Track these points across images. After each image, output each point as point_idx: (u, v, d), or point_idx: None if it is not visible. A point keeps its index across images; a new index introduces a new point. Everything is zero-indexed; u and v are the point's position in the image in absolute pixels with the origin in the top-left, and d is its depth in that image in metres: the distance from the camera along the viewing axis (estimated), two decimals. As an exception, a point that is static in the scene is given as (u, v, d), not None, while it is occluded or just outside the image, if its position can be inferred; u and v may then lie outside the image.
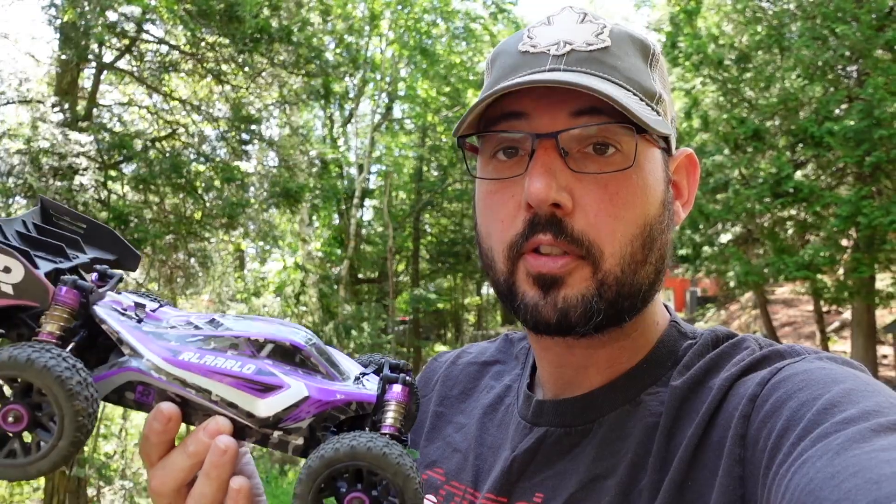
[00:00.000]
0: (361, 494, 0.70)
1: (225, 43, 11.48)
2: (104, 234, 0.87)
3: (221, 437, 0.72)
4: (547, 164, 0.81)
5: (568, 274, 0.82)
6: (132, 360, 0.74)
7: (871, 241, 13.42)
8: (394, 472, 0.69)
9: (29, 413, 0.69)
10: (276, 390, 0.73)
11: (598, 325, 0.84)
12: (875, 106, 12.58)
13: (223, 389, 0.73)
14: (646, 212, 0.84)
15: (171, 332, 0.77)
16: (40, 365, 0.66)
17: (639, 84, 0.84)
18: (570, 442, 0.90)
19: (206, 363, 0.74)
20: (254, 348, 0.75)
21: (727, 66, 15.42)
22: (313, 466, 0.69)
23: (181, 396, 0.74)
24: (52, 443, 0.68)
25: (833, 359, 0.80)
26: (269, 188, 13.15)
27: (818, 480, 0.59)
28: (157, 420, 0.73)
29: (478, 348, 1.19)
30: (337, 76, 18.03)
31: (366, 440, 0.69)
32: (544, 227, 0.82)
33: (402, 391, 0.76)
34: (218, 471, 0.73)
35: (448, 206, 27.58)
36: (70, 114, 10.26)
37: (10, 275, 0.70)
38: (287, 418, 0.73)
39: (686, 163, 0.95)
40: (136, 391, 0.75)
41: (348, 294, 23.15)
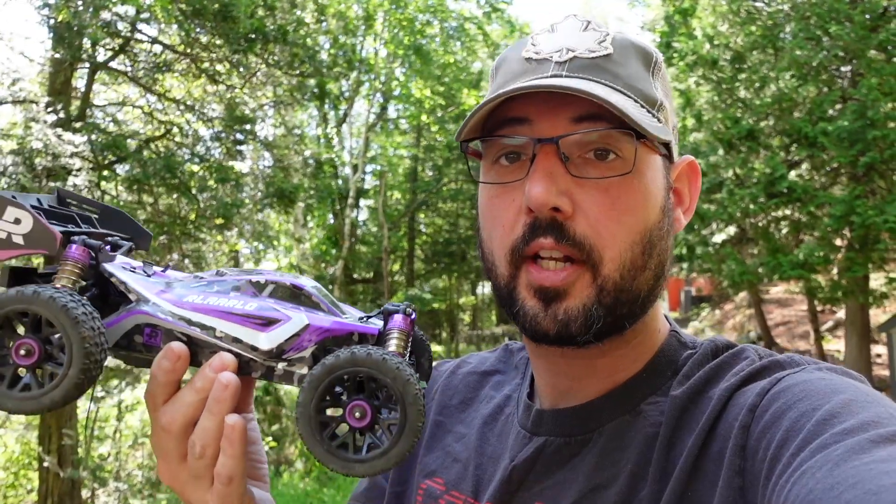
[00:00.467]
0: (362, 402, 0.71)
1: (219, 43, 11.45)
2: (116, 216, 0.91)
3: (224, 374, 0.75)
4: (547, 168, 0.82)
5: (571, 285, 0.83)
6: (140, 304, 0.78)
7: (865, 240, 13.47)
8: (393, 376, 0.70)
9: (40, 346, 0.72)
10: (277, 323, 0.76)
11: (598, 332, 0.84)
12: (869, 106, 12.63)
13: (227, 326, 0.76)
14: (646, 217, 0.85)
15: (177, 283, 0.81)
16: (46, 296, 0.70)
17: (640, 91, 0.85)
18: (569, 451, 0.90)
19: (210, 303, 0.77)
20: (255, 289, 0.79)
21: (722, 67, 15.46)
22: (315, 374, 0.71)
23: (187, 335, 0.77)
24: (63, 371, 0.71)
25: (832, 369, 0.80)
26: (264, 188, 13.12)
27: (818, 491, 0.59)
28: (167, 358, 0.76)
29: (477, 358, 1.19)
30: (331, 76, 18.01)
31: (366, 349, 0.71)
32: (545, 230, 0.82)
33: (402, 319, 0.77)
34: (220, 405, 0.75)
35: (443, 206, 27.59)
36: (63, 114, 10.22)
37: (20, 226, 0.74)
38: (290, 348, 0.76)
39: (688, 170, 0.95)
40: (145, 333, 0.78)
41: (343, 294, 23.12)
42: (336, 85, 22.60)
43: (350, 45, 22.35)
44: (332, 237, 25.34)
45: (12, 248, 0.74)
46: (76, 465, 11.27)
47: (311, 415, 0.71)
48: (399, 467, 1.08)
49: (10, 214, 0.74)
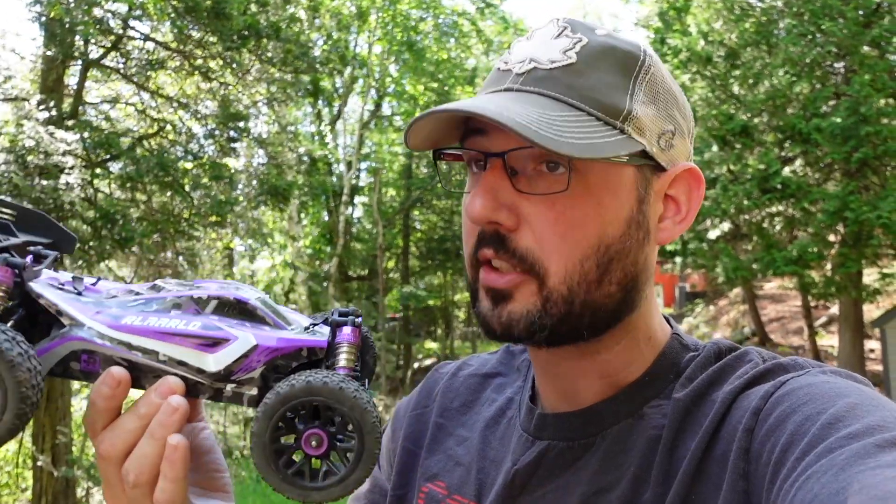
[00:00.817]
0: (318, 430, 0.70)
1: (212, 40, 11.41)
2: (36, 218, 0.84)
3: (174, 397, 0.72)
4: (490, 183, 0.82)
5: (515, 288, 0.83)
6: (74, 329, 0.73)
7: (859, 236, 13.52)
8: (350, 405, 0.68)
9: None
10: (224, 343, 0.72)
11: (550, 339, 0.84)
12: (861, 103, 12.67)
13: (170, 348, 0.72)
14: (600, 232, 0.82)
15: (111, 301, 0.76)
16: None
17: (597, 101, 0.81)
18: (572, 455, 0.89)
19: (150, 324, 0.73)
20: (197, 306, 0.75)
21: (716, 63, 15.49)
22: (269, 403, 0.69)
23: (128, 360, 0.73)
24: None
25: (837, 372, 0.79)
26: (258, 186, 13.10)
27: (823, 496, 0.59)
28: (107, 384, 0.72)
29: (479, 360, 1.18)
30: (325, 73, 17.98)
31: (321, 376, 0.68)
32: (488, 242, 0.83)
33: (351, 332, 0.76)
34: (164, 430, 0.72)
35: (437, 203, 27.59)
36: (56, 111, 10.18)
37: None
38: (238, 370, 0.73)
39: (687, 177, 0.91)
40: (82, 360, 0.74)
41: (338, 292, 23.12)
42: (330, 81, 22.58)
43: (343, 41, 22.32)
44: (326, 234, 25.34)
45: None
46: (70, 463, 11.24)
47: (266, 444, 0.70)
48: (401, 470, 1.08)
49: None
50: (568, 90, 0.81)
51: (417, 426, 1.11)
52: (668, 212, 0.90)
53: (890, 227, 12.47)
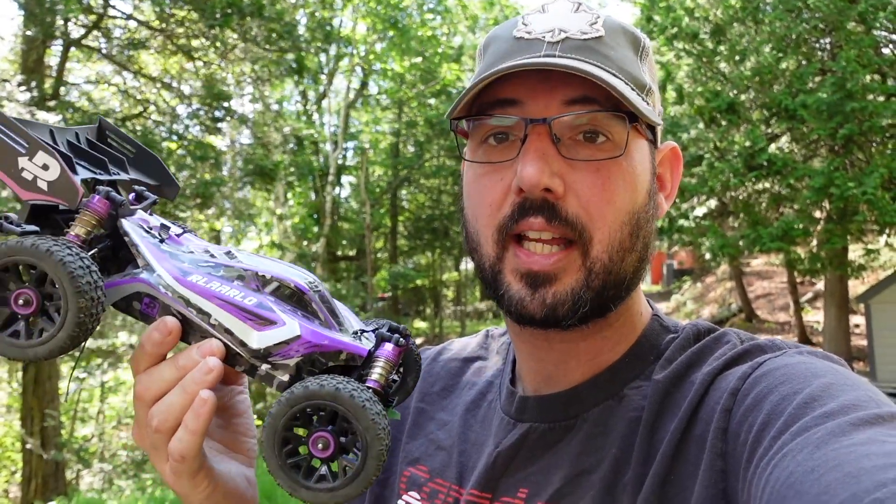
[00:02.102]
0: (328, 435, 0.72)
1: (195, 18, 11.27)
2: (150, 160, 0.92)
3: (211, 358, 0.74)
4: (540, 149, 0.82)
5: (561, 269, 0.83)
6: (144, 273, 0.78)
7: (844, 212, 13.60)
8: (366, 426, 0.70)
9: (39, 299, 0.73)
10: (271, 325, 0.76)
11: (584, 315, 0.84)
12: (847, 78, 12.68)
13: (222, 315, 0.76)
14: (634, 199, 0.85)
15: (186, 255, 0.80)
16: (57, 258, 0.71)
17: (630, 74, 0.85)
18: (553, 437, 0.90)
19: (212, 288, 0.77)
20: (259, 283, 0.78)
21: (702, 40, 15.44)
22: (295, 393, 0.71)
23: (182, 315, 0.77)
24: (53, 332, 0.72)
25: (813, 353, 0.80)
26: (244, 166, 13.02)
27: (798, 474, 0.60)
28: (159, 330, 0.76)
29: (458, 345, 1.18)
30: (310, 51, 17.81)
31: (352, 388, 0.71)
32: (536, 210, 0.82)
33: (392, 350, 0.78)
34: (195, 385, 0.74)
35: (425, 182, 27.54)
36: (37, 92, 10.05)
37: (48, 172, 0.75)
38: (277, 353, 0.76)
39: (670, 156, 0.95)
40: (143, 302, 0.79)
41: (326, 272, 23.09)
42: (314, 60, 22.37)
43: (328, 18, 22.08)
44: (313, 215, 25.25)
45: (35, 191, 0.75)
46: (60, 446, 11.24)
47: (278, 428, 0.72)
48: None
49: (39, 159, 0.74)
50: (606, 60, 0.83)
51: (398, 411, 1.11)
52: (659, 188, 0.93)
53: (875, 202, 12.55)
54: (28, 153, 0.74)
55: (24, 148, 0.74)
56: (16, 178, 0.75)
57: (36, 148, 0.74)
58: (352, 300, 21.23)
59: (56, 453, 10.93)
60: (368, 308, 22.89)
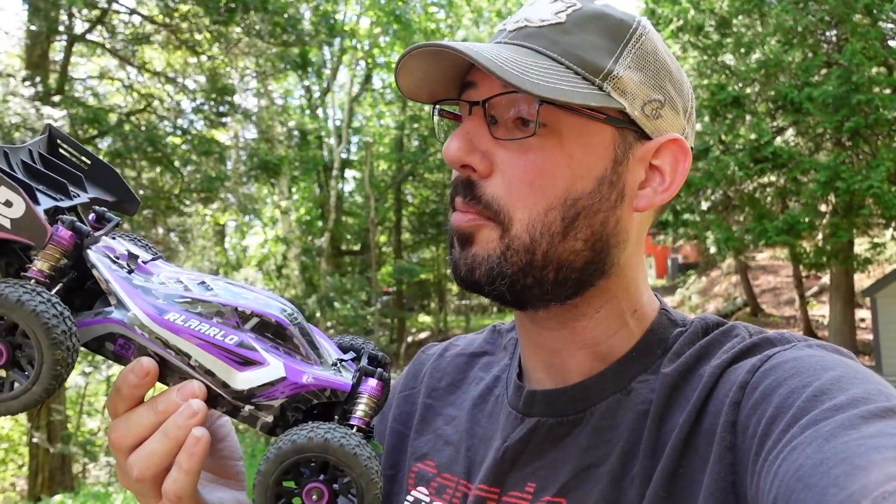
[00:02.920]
0: (322, 485, 0.71)
1: (199, 12, 11.26)
2: (107, 173, 0.86)
3: (196, 400, 0.72)
4: (468, 129, 0.84)
5: (476, 230, 0.85)
6: (117, 312, 0.74)
7: (850, 206, 13.56)
8: (360, 472, 0.70)
9: (8, 351, 0.69)
10: (255, 365, 0.73)
11: (514, 291, 0.84)
12: (853, 71, 12.63)
13: (203, 356, 0.73)
14: (569, 185, 0.83)
15: (160, 289, 0.76)
16: (29, 308, 0.66)
17: (580, 58, 0.83)
18: (561, 431, 0.90)
19: (191, 327, 0.74)
20: (239, 319, 0.75)
21: (707, 33, 15.38)
22: (283, 448, 0.70)
23: (160, 356, 0.74)
24: (27, 386, 0.68)
25: (823, 346, 0.80)
26: (248, 160, 13.03)
27: (807, 467, 0.60)
28: (135, 373, 0.73)
29: (465, 340, 1.18)
30: (313, 45, 17.80)
31: (340, 435, 0.70)
32: (459, 188, 0.85)
33: (376, 385, 0.77)
34: (179, 430, 0.72)
35: (430, 177, 27.52)
36: (42, 87, 10.06)
37: (11, 209, 0.70)
38: (261, 395, 0.74)
39: (674, 148, 0.90)
40: (117, 343, 0.75)
41: (330, 266, 23.13)
42: (318, 53, 22.36)
43: (332, 11, 22.05)
44: (318, 209, 25.27)
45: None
46: (66, 440, 11.30)
47: (270, 486, 0.71)
48: (391, 451, 1.08)
49: (1, 194, 0.69)
50: (551, 45, 0.83)
51: (406, 407, 1.12)
52: (652, 181, 0.90)
53: (881, 196, 12.51)
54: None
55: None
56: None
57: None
58: (356, 295, 21.26)
59: (62, 447, 10.99)
60: (373, 303, 22.92)
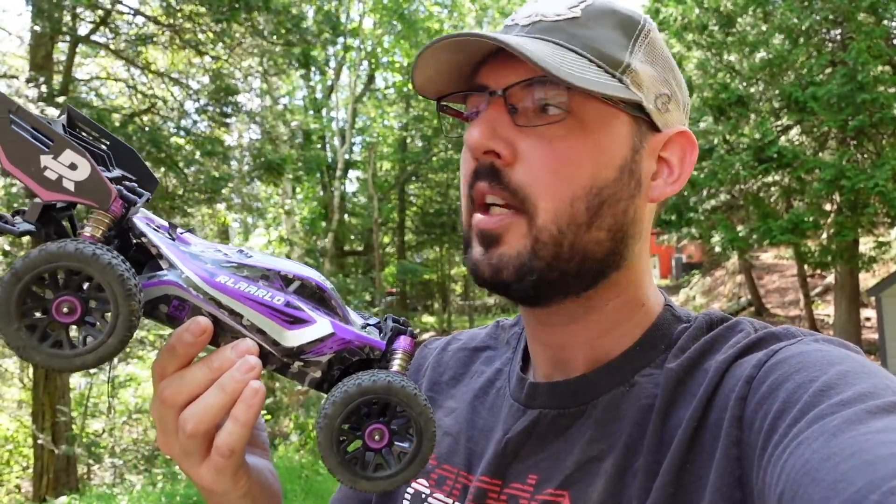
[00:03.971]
0: (383, 426, 0.74)
1: (202, 12, 11.29)
2: (126, 153, 0.87)
3: (251, 356, 0.74)
4: (490, 117, 0.84)
5: (505, 230, 0.84)
6: (171, 274, 0.76)
7: (854, 204, 13.53)
8: (419, 411, 0.73)
9: (83, 306, 0.70)
10: (303, 324, 0.76)
11: (538, 287, 0.84)
12: (858, 70, 12.60)
13: (255, 315, 0.76)
14: (593, 173, 0.83)
15: (205, 255, 0.79)
16: (105, 261, 0.68)
17: (599, 51, 0.84)
18: (564, 423, 0.90)
19: (241, 288, 0.76)
20: (283, 282, 0.78)
21: (711, 31, 15.37)
22: (350, 391, 0.73)
23: (214, 316, 0.76)
24: (103, 339, 0.69)
25: (829, 341, 0.80)
26: (252, 160, 13.05)
27: (814, 461, 0.59)
28: (191, 332, 0.74)
29: (468, 335, 1.19)
30: (317, 44, 17.82)
31: (400, 379, 0.73)
32: (483, 175, 0.84)
33: (409, 341, 0.80)
34: (236, 385, 0.73)
35: (433, 177, 27.57)
36: (46, 88, 10.09)
37: (76, 172, 0.70)
38: (310, 351, 0.77)
39: (682, 141, 0.92)
40: (171, 305, 0.76)
41: (334, 267, 23.16)
42: (322, 52, 22.38)
43: (335, 11, 22.08)
44: (322, 209, 25.31)
45: (60, 191, 0.70)
46: (70, 441, 11.32)
47: (335, 427, 0.73)
48: None
49: (66, 157, 0.70)
50: (571, 38, 0.83)
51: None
52: (661, 173, 0.91)
53: (886, 195, 12.48)
54: (52, 151, 0.69)
55: (48, 146, 0.69)
56: (37, 177, 0.70)
57: (62, 146, 0.69)
58: (360, 295, 21.27)
59: (67, 448, 11.01)
60: (377, 303, 22.94)
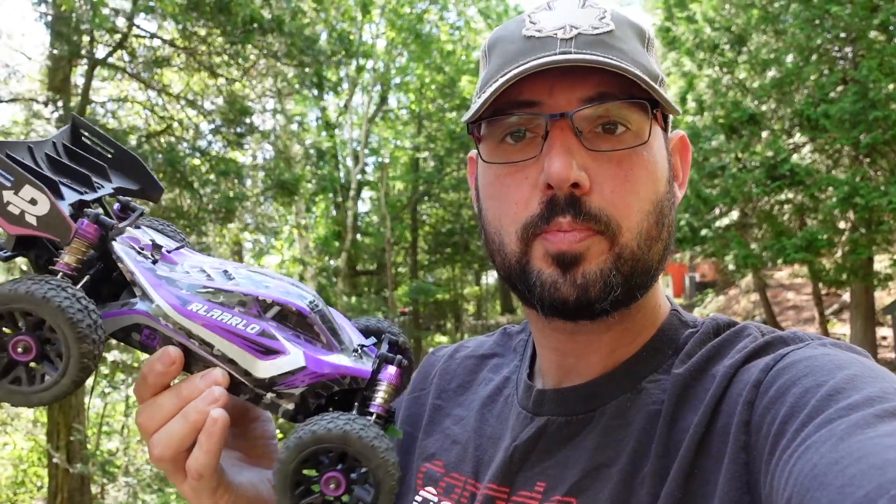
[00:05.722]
0: (339, 475, 0.73)
1: (217, 33, 11.41)
2: (130, 161, 0.87)
3: (217, 387, 0.74)
4: (565, 143, 0.81)
5: (586, 249, 0.82)
6: (142, 304, 0.76)
7: (869, 222, 13.41)
8: (377, 464, 0.71)
9: (38, 346, 0.71)
10: (276, 354, 0.75)
11: (615, 301, 0.84)
12: (870, 88, 12.55)
13: (226, 345, 0.75)
14: (657, 188, 0.86)
15: (183, 279, 0.78)
16: (55, 304, 0.68)
17: (642, 65, 0.85)
18: (571, 430, 0.90)
19: (213, 317, 0.75)
20: (260, 308, 0.77)
21: (723, 50, 15.37)
22: (303, 439, 0.71)
23: (184, 346, 0.76)
24: (56, 378, 0.71)
25: (837, 345, 0.80)
26: (265, 179, 13.12)
27: (822, 466, 0.59)
28: (161, 362, 0.75)
29: (475, 342, 1.19)
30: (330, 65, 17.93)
31: (359, 427, 0.71)
32: (564, 208, 0.82)
33: (395, 373, 0.79)
34: (198, 415, 0.74)
35: (445, 197, 27.56)
36: (64, 110, 10.21)
37: (36, 207, 0.71)
38: (282, 383, 0.76)
39: (680, 145, 0.96)
40: (143, 333, 0.77)
41: (347, 286, 23.15)
42: (335, 72, 22.51)
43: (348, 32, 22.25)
44: (335, 230, 25.35)
45: (23, 226, 0.72)
46: (85, 460, 11.31)
47: (289, 473, 0.73)
48: (399, 452, 1.08)
49: (26, 193, 0.71)
50: (621, 54, 0.83)
51: (415, 409, 1.12)
52: (675, 177, 0.94)
53: (900, 212, 12.36)
54: (13, 187, 0.71)
55: (10, 181, 0.71)
56: (2, 212, 0.71)
57: (22, 182, 0.71)
58: (373, 314, 21.20)
59: (82, 467, 11.00)
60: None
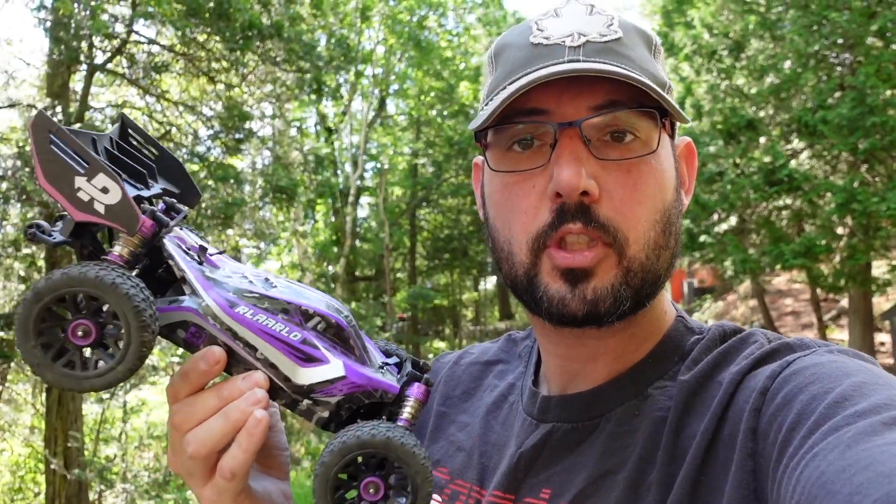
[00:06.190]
0: (379, 480, 0.74)
1: (216, 39, 11.43)
2: (173, 165, 0.88)
3: (259, 389, 0.75)
4: (574, 152, 0.81)
5: (598, 264, 0.82)
6: (191, 301, 0.77)
7: (867, 228, 13.44)
8: (416, 470, 0.73)
9: (98, 331, 0.71)
10: (316, 363, 0.77)
11: (623, 313, 0.84)
12: (867, 94, 12.59)
13: (269, 350, 0.76)
14: (664, 197, 0.85)
15: (228, 282, 0.79)
16: (123, 291, 0.69)
17: (650, 73, 0.85)
18: (577, 437, 0.89)
19: (259, 321, 0.76)
20: (302, 317, 0.78)
21: (721, 57, 15.41)
22: (348, 443, 0.73)
23: (228, 346, 0.77)
24: (112, 365, 0.70)
25: (844, 351, 0.80)
26: (264, 185, 13.12)
27: (829, 473, 0.59)
28: (206, 360, 0.75)
29: (480, 348, 1.19)
30: (329, 71, 17.94)
31: (399, 434, 0.73)
32: (573, 216, 0.82)
33: (423, 390, 0.81)
34: (240, 414, 0.74)
35: (444, 202, 27.59)
36: (62, 116, 10.21)
37: (107, 196, 0.72)
38: (321, 391, 0.77)
39: (686, 152, 0.96)
40: (189, 331, 0.77)
41: (346, 292, 23.14)
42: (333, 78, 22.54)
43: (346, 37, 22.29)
44: (333, 235, 25.36)
45: (91, 213, 0.72)
46: (83, 466, 11.29)
47: (331, 477, 0.74)
48: None
49: (99, 181, 0.71)
50: (628, 61, 0.83)
51: (420, 416, 1.12)
52: (682, 184, 0.94)
53: (898, 218, 12.39)
54: (87, 174, 0.71)
55: (83, 168, 0.71)
56: (70, 198, 0.71)
57: (97, 169, 0.71)
58: (371, 320, 21.21)
59: (79, 473, 10.97)
60: (388, 328, 22.87)
